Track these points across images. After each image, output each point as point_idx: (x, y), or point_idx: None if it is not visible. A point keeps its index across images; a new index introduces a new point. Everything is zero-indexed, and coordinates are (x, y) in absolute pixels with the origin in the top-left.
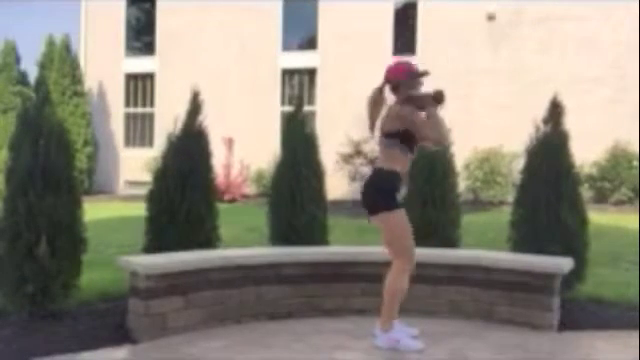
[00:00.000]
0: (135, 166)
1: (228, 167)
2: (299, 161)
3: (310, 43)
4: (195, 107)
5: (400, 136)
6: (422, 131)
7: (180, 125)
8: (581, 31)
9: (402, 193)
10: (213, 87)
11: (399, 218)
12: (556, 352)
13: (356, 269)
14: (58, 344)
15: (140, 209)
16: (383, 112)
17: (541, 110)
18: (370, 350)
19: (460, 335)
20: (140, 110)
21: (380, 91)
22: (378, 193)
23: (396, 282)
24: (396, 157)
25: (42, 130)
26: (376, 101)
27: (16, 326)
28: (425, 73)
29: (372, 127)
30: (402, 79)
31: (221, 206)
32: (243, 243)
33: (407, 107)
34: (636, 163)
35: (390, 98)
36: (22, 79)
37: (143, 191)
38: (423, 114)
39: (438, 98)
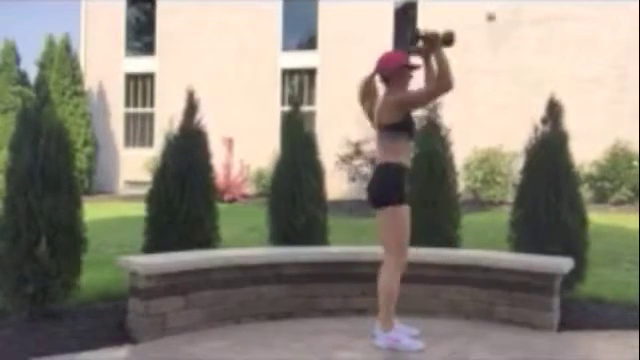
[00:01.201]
0: (135, 166)
1: (228, 167)
2: (299, 161)
3: (310, 43)
4: (191, 106)
5: (402, 126)
6: (423, 94)
7: (177, 125)
8: (581, 31)
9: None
10: (213, 87)
11: (405, 214)
12: (556, 352)
13: (356, 269)
14: (58, 344)
15: (140, 209)
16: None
17: (541, 110)
18: (370, 350)
19: (460, 335)
20: (140, 110)
21: (370, 81)
22: (387, 188)
23: (392, 281)
24: (400, 148)
25: (42, 130)
26: (365, 92)
27: (16, 326)
28: (416, 66)
29: (371, 118)
30: (392, 70)
31: (221, 206)
32: (243, 243)
33: (392, 93)
34: (636, 163)
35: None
36: (22, 79)
37: (143, 191)
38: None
39: (447, 40)
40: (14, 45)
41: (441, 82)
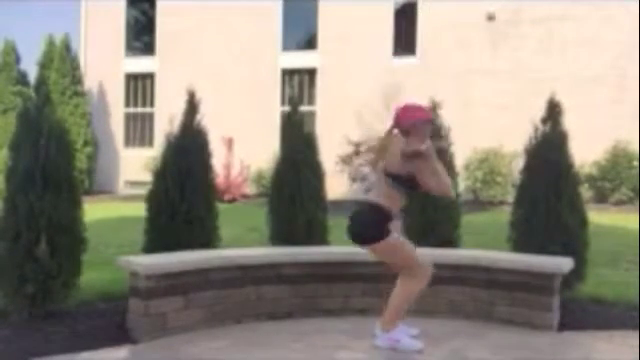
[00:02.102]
0: (135, 166)
1: (228, 167)
2: (299, 161)
3: (310, 43)
4: (192, 106)
5: (407, 181)
6: (426, 182)
7: (178, 125)
8: (581, 31)
9: (398, 225)
10: (213, 87)
11: (391, 242)
12: (556, 352)
13: (356, 269)
14: (58, 344)
15: (140, 209)
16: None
17: (541, 110)
18: (370, 350)
19: (460, 335)
20: (140, 110)
21: (389, 135)
22: (367, 225)
23: (415, 290)
24: (396, 198)
25: (42, 130)
26: (385, 147)
27: (16, 326)
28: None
29: (375, 165)
30: (409, 125)
31: (221, 206)
32: (243, 243)
33: (414, 152)
34: (636, 163)
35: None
36: (22, 79)
37: (143, 191)
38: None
39: (443, 149)
40: (14, 45)
41: (440, 190)
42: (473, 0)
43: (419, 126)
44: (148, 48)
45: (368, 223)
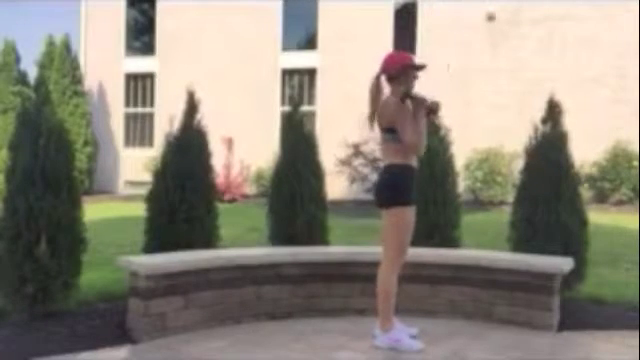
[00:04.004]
0: (135, 166)
1: (228, 167)
2: (299, 161)
3: (310, 43)
4: (191, 106)
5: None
6: (402, 132)
7: (177, 125)
8: (581, 31)
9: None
10: (213, 87)
11: (410, 215)
12: (556, 352)
13: (356, 269)
14: (58, 344)
15: (140, 209)
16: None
17: (541, 110)
18: (370, 350)
19: (460, 335)
20: (140, 110)
21: (377, 81)
22: (392, 189)
23: (389, 281)
24: (404, 148)
25: (42, 130)
26: (374, 94)
27: (16, 326)
28: (421, 67)
29: (371, 118)
30: (397, 70)
31: (221, 206)
32: (243, 243)
33: (396, 102)
34: (636, 163)
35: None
36: (22, 79)
37: (143, 191)
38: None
39: (433, 109)
40: (14, 45)
41: (411, 145)
42: (473, 0)
43: (408, 71)
44: (148, 48)
45: (391, 184)
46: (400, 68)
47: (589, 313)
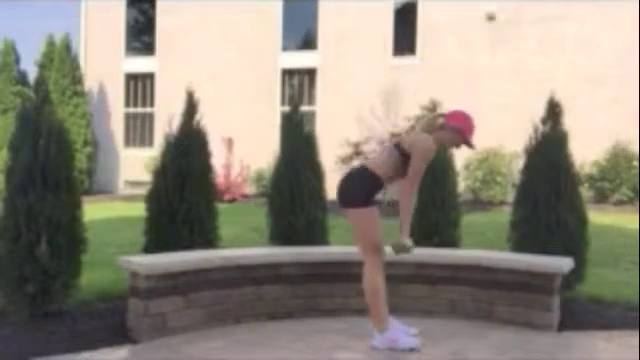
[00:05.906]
0: (135, 166)
1: (228, 167)
2: (299, 161)
3: (310, 43)
4: (191, 107)
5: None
6: (412, 175)
7: (177, 125)
8: (581, 31)
9: (383, 195)
10: (213, 87)
11: (371, 215)
12: (556, 352)
13: (356, 269)
14: (58, 344)
15: (140, 209)
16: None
17: (541, 110)
18: (369, 350)
19: (460, 335)
20: (140, 110)
21: (437, 118)
22: (358, 189)
23: (375, 281)
24: (389, 168)
25: (42, 130)
26: (431, 125)
27: (16, 326)
28: (470, 145)
29: (428, 129)
30: (455, 130)
31: (221, 206)
32: (243, 243)
33: (432, 148)
34: (636, 163)
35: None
36: (22, 79)
37: (143, 191)
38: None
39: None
40: (14, 45)
41: (404, 190)
42: (473, 0)
43: (459, 139)
44: (148, 48)
45: (359, 186)
46: (459, 131)
47: (589, 313)
